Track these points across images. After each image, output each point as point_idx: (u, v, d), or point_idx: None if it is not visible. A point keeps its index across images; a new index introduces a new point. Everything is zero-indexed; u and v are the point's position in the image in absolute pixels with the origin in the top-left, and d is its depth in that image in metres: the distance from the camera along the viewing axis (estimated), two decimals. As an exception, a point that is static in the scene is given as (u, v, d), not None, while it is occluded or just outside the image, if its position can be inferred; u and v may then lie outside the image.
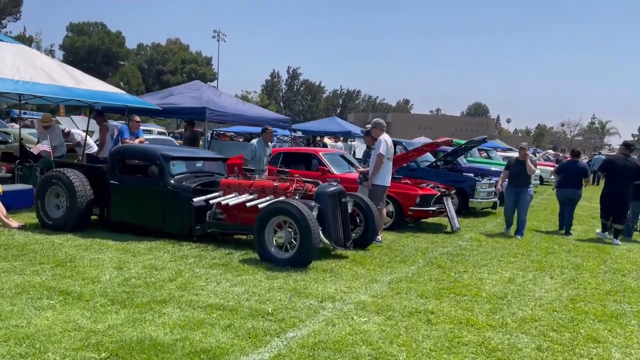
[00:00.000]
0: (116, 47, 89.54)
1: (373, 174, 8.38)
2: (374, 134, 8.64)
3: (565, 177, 11.02)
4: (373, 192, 8.40)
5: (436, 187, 10.73)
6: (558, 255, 8.28)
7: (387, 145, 8.37)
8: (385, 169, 8.41)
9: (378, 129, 8.55)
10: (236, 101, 12.89)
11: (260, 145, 9.49)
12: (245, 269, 6.15)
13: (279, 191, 7.27)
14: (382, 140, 8.36)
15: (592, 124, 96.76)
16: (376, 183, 8.39)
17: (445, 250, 8.20)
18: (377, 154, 8.33)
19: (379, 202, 8.37)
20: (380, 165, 8.31)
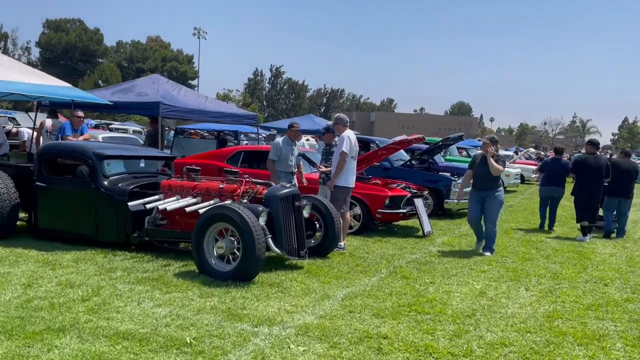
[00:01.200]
0: (94, 45, 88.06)
1: (335, 174, 7.64)
2: (336, 130, 7.90)
3: (548, 175, 11.00)
4: (335, 194, 7.67)
5: (407, 188, 10.02)
6: (535, 262, 7.60)
7: (351, 142, 7.64)
8: (349, 169, 7.68)
9: (341, 125, 7.82)
10: (197, 96, 12.07)
11: (286, 144, 8.40)
12: (178, 284, 5.37)
13: (225, 194, 6.49)
14: (345, 137, 7.62)
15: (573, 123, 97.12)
16: (339, 184, 7.65)
17: (413, 257, 7.49)
18: (340, 152, 7.59)
19: (341, 205, 7.63)
20: (343, 164, 7.57)
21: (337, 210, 7.50)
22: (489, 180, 7.92)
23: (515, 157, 28.94)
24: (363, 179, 9.94)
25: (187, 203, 6.38)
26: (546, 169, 11.24)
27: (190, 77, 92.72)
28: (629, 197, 10.44)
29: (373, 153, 10.09)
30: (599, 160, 10.06)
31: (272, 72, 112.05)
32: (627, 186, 10.37)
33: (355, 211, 9.12)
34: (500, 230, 10.36)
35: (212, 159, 10.29)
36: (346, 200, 7.72)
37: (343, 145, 7.58)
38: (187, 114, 10.83)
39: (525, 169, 25.54)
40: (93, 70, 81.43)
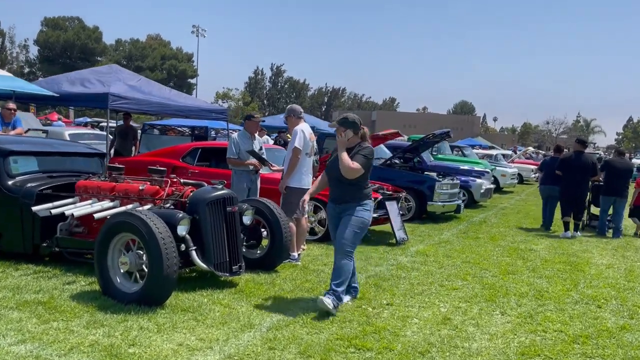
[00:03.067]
0: (92, 43, 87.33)
1: (287, 174, 6.63)
2: (288, 123, 6.89)
3: (547, 174, 11.06)
4: (287, 196, 6.65)
5: (381, 189, 9.00)
6: (519, 277, 6.56)
7: (305, 137, 6.62)
8: (303, 168, 6.67)
9: (293, 117, 6.80)
10: (159, 88, 11.06)
11: (244, 139, 7.36)
12: (67, 309, 4.36)
13: (145, 197, 5.49)
14: (298, 131, 6.61)
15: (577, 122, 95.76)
16: (291, 185, 6.63)
17: (376, 270, 6.46)
18: (292, 149, 6.58)
19: (295, 209, 6.62)
20: (295, 162, 6.56)
21: (289, 215, 6.50)
22: (345, 187, 4.90)
23: (514, 157, 27.87)
24: (332, 180, 8.93)
25: (99, 208, 5.37)
26: (545, 168, 11.26)
27: (190, 76, 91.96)
28: (623, 196, 10.47)
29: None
30: (585, 158, 10.07)
31: (272, 71, 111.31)
32: (622, 185, 10.46)
33: (320, 215, 8.11)
34: (486, 237, 9.36)
35: (166, 157, 9.27)
36: (293, 202, 6.69)
37: (295, 141, 6.56)
38: (142, 107, 9.82)
39: (523, 169, 24.50)
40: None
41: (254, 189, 7.50)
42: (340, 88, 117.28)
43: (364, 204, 4.92)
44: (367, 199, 4.96)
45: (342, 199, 4.94)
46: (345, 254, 4.87)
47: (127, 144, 12.11)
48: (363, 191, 4.94)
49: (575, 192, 9.95)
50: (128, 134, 12.30)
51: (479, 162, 17.93)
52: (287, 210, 6.57)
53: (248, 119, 7.52)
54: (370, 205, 4.99)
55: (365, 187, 4.96)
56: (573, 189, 9.97)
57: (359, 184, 4.89)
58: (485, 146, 37.50)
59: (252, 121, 7.46)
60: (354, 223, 4.86)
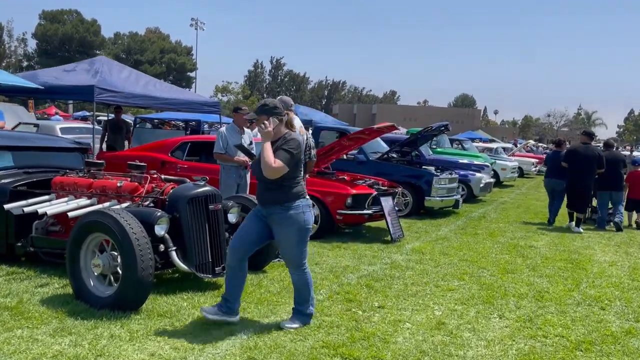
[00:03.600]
0: (91, 36, 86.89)
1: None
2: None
3: (550, 168, 11.14)
4: None
5: (376, 184, 8.71)
6: (518, 276, 6.28)
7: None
8: (293, 163, 6.38)
9: (286, 109, 6.49)
10: (147, 81, 10.76)
11: (233, 133, 7.04)
12: (35, 315, 4.09)
13: (123, 194, 5.20)
14: (288, 125, 6.31)
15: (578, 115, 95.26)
16: None
17: (369, 270, 6.18)
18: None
19: None
20: (284, 157, 6.26)
21: None
22: (269, 188, 4.16)
23: (515, 150, 27.56)
24: (325, 175, 8.65)
25: (75, 206, 5.09)
26: (548, 162, 11.42)
27: (189, 69, 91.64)
28: (620, 188, 10.54)
29: (336, 143, 8.76)
30: (591, 150, 10.07)
31: (272, 64, 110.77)
32: (616, 178, 10.50)
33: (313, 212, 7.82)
34: (485, 233, 9.07)
35: (155, 152, 8.98)
36: None
37: (286, 134, 6.27)
38: (131, 99, 9.52)
39: (523, 162, 24.19)
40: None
41: (243, 185, 7.21)
42: (340, 81, 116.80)
43: (293, 207, 4.14)
44: (297, 199, 4.18)
45: (266, 200, 4.19)
46: (297, 265, 4.30)
47: (119, 137, 11.82)
48: (291, 191, 4.15)
49: (579, 184, 9.94)
50: (120, 127, 12.01)
51: (478, 155, 17.64)
52: None
53: (236, 112, 7.23)
54: (303, 205, 4.21)
55: (293, 186, 4.17)
56: (578, 181, 9.96)
57: (285, 183, 4.12)
58: (486, 139, 37.16)
59: (239, 114, 7.16)
60: (290, 236, 4.18)
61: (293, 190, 4.17)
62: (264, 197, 4.20)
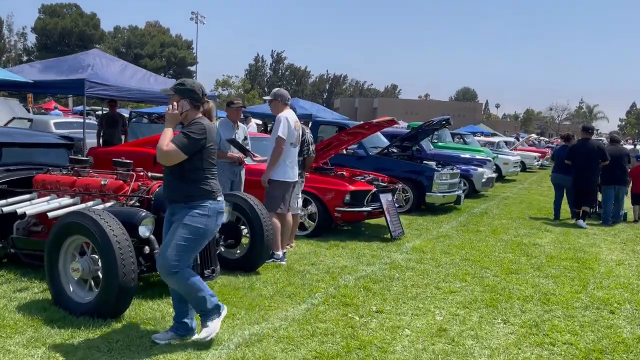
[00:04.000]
0: (91, 30, 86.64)
1: (270, 165, 6.08)
2: (273, 108, 6.30)
3: (557, 163, 11.05)
4: (270, 190, 6.11)
5: (375, 180, 8.45)
6: (523, 276, 6.02)
7: (289, 125, 6.06)
8: (287, 159, 6.12)
9: (280, 103, 6.22)
10: (142, 74, 10.48)
11: (226, 128, 6.72)
12: (12, 322, 3.84)
13: (107, 193, 4.95)
14: (282, 119, 6.04)
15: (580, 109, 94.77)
16: (274, 178, 6.09)
17: (368, 270, 5.93)
18: (276, 138, 6.02)
19: (279, 204, 6.09)
20: (279, 152, 6.00)
21: (272, 210, 5.97)
22: (173, 180, 3.62)
23: (517, 144, 27.25)
24: (324, 171, 8.38)
25: (57, 205, 4.84)
26: (555, 157, 11.32)
27: (190, 63, 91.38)
28: (624, 183, 10.49)
29: (335, 138, 8.48)
30: (591, 145, 10.10)
31: (273, 58, 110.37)
32: (621, 173, 10.42)
33: (310, 209, 7.58)
34: (487, 230, 8.81)
35: (148, 147, 8.71)
36: (285, 198, 6.15)
37: (279, 129, 6.00)
38: (123, 93, 9.25)
39: (526, 156, 23.88)
40: (89, 56, 79.93)
41: (237, 182, 6.96)
42: (341, 75, 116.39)
43: (199, 206, 3.54)
44: (206, 199, 3.58)
45: (170, 195, 3.65)
46: (171, 274, 3.54)
47: (115, 132, 11.53)
48: (196, 187, 3.55)
49: (584, 179, 9.94)
50: (116, 121, 11.73)
51: (480, 150, 17.36)
52: (270, 204, 6.04)
53: (229, 106, 6.96)
54: (211, 208, 3.62)
55: (200, 181, 3.57)
56: (582, 177, 9.96)
57: (188, 176, 3.52)
58: (487, 133, 36.87)
59: (232, 108, 6.90)
60: (181, 234, 3.51)
61: (200, 186, 3.57)
62: (169, 192, 3.68)
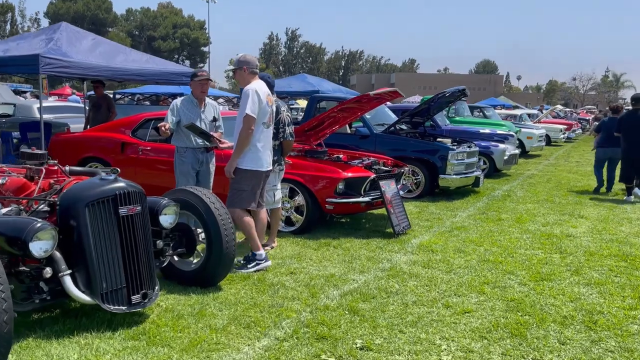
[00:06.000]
0: (103, 13, 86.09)
1: (235, 151, 4.87)
2: (239, 79, 5.05)
3: (605, 136, 10.35)
4: (237, 182, 4.91)
5: (376, 164, 7.19)
6: (557, 284, 4.75)
7: (260, 99, 4.82)
8: (259, 142, 4.90)
9: (246, 72, 4.97)
10: (116, 50, 9.29)
11: (188, 106, 5.59)
12: None
13: (6, 194, 3.79)
14: (250, 92, 4.80)
15: (606, 78, 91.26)
16: (242, 167, 4.88)
17: (360, 280, 4.71)
18: (243, 117, 4.79)
19: (247, 199, 4.89)
20: (247, 135, 4.78)
21: (240, 206, 4.80)
22: None
23: (541, 116, 25.57)
24: (315, 154, 7.15)
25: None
26: (604, 129, 10.51)
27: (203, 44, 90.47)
28: None
29: (326, 115, 7.18)
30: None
31: (287, 36, 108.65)
32: None
33: (297, 201, 6.37)
34: (511, 217, 7.54)
35: (114, 131, 7.58)
36: (255, 191, 4.94)
37: (247, 105, 4.76)
38: (86, 71, 8.09)
39: (551, 129, 22.27)
40: (102, 39, 79.45)
41: (204, 173, 5.78)
42: (358, 51, 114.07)
43: None
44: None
45: None
46: None
47: (100, 116, 10.42)
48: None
49: (637, 152, 9.36)
50: (101, 105, 10.64)
51: (502, 124, 15.91)
52: (236, 200, 4.86)
53: (192, 79, 5.74)
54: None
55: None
56: (635, 149, 9.40)
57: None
58: (509, 106, 35.11)
59: (196, 81, 5.67)
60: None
61: None
62: None
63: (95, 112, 10.60)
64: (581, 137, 27.51)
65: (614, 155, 10.16)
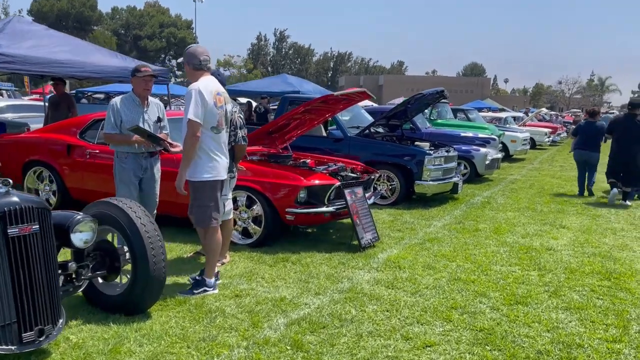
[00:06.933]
0: (88, 11, 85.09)
1: (184, 163, 4.27)
2: (189, 76, 4.46)
3: (582, 139, 10.43)
4: (198, 197, 4.31)
5: (343, 170, 6.66)
6: (533, 308, 4.23)
7: (205, 100, 4.22)
8: (209, 150, 4.32)
9: (190, 67, 4.39)
10: (76, 44, 8.62)
11: (129, 106, 5.05)
12: None
13: None
14: (194, 92, 4.20)
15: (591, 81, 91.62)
16: (193, 179, 4.30)
17: (313, 305, 4.16)
18: (187, 121, 4.21)
19: (211, 214, 4.30)
20: (193, 142, 4.20)
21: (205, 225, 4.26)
22: None
23: (526, 119, 25.23)
24: (279, 159, 6.59)
25: None
26: (580, 133, 10.58)
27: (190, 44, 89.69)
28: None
29: (289, 117, 6.59)
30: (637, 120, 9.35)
31: (276, 37, 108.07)
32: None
33: (255, 211, 5.82)
34: (489, 228, 7.04)
35: (61, 133, 6.99)
36: (217, 203, 4.36)
37: (190, 108, 4.18)
38: (32, 67, 7.46)
39: (536, 132, 21.89)
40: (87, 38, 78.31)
41: (148, 180, 5.20)
42: (346, 52, 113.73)
43: None
44: None
45: None
46: None
47: (60, 115, 9.75)
48: None
49: (631, 157, 9.30)
50: (60, 104, 9.99)
51: (484, 127, 15.44)
52: (204, 218, 4.29)
53: (134, 75, 5.15)
54: None
55: None
56: (626, 153, 9.32)
57: None
58: (495, 108, 34.80)
59: (138, 77, 5.09)
60: None
61: None
62: None
63: (53, 111, 9.94)
64: (566, 141, 27.22)
65: (589, 158, 10.18)
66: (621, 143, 9.38)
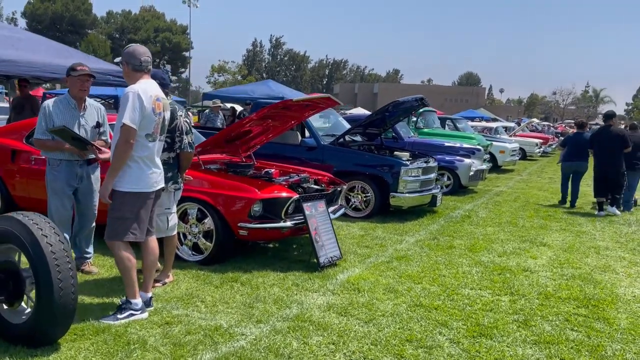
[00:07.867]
0: (82, 15, 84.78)
1: (111, 170, 3.80)
2: (127, 77, 3.99)
3: (571, 150, 10.53)
4: (115, 208, 3.84)
5: (306, 182, 6.19)
6: (498, 343, 3.76)
7: (143, 105, 3.75)
8: (140, 160, 3.85)
9: (131, 69, 3.92)
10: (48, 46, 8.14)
11: (63, 109, 4.63)
12: None
13: None
14: (131, 96, 3.73)
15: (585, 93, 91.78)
16: (120, 189, 3.82)
17: (250, 336, 3.68)
18: (120, 127, 3.74)
19: (129, 228, 3.83)
20: (125, 149, 3.73)
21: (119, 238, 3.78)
22: None
23: (517, 129, 24.88)
24: (238, 169, 6.13)
25: None
26: (569, 144, 10.68)
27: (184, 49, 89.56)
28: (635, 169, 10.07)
29: (245, 123, 6.09)
30: (612, 131, 9.64)
31: (272, 43, 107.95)
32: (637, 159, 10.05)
33: (207, 225, 5.35)
34: (464, 245, 6.58)
35: (6, 137, 6.51)
36: (140, 217, 3.89)
37: (125, 113, 3.71)
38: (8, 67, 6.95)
39: (526, 143, 21.55)
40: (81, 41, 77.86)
41: (84, 189, 4.76)
42: (342, 60, 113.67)
43: None
44: None
45: None
46: None
47: (23, 118, 9.27)
48: None
49: (609, 167, 9.48)
50: (24, 106, 9.51)
51: (471, 136, 15.02)
52: (116, 231, 3.82)
53: (69, 75, 4.69)
54: None
55: None
56: (606, 164, 9.51)
57: None
58: (487, 118, 34.50)
59: (74, 77, 4.64)
60: None
61: None
62: None
63: (17, 114, 9.46)
64: (557, 152, 26.90)
65: (578, 168, 10.38)
66: (598, 155, 9.65)
